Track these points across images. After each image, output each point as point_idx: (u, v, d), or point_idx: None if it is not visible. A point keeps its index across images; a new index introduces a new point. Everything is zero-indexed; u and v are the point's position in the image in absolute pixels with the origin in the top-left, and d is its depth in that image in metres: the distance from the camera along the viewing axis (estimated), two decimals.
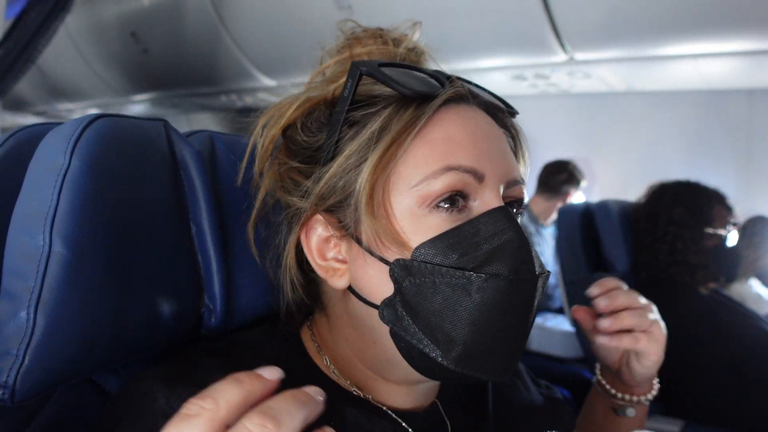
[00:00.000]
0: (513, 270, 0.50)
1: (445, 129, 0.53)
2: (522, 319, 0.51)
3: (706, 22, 1.81)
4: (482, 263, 0.49)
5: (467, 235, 0.50)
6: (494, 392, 0.68)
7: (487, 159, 0.53)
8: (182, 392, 0.48)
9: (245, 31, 2.66)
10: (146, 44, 3.05)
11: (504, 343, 0.51)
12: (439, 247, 0.50)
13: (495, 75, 2.60)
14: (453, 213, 0.51)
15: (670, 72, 2.38)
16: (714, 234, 1.64)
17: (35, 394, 0.47)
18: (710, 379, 1.51)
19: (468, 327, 0.49)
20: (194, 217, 0.60)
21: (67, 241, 0.47)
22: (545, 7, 1.88)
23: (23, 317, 0.45)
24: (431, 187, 0.51)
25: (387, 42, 0.61)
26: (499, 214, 0.51)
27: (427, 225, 0.51)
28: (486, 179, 0.52)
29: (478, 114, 0.56)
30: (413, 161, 0.52)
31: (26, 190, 0.49)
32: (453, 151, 0.52)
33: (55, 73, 3.69)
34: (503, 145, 0.57)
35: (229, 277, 0.63)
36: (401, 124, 0.52)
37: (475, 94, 0.57)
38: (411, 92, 0.51)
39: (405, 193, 0.52)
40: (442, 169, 0.51)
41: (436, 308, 0.50)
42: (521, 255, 0.50)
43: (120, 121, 0.55)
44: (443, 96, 0.53)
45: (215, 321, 0.62)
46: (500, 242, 0.50)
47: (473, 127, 0.54)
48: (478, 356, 0.50)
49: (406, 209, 0.52)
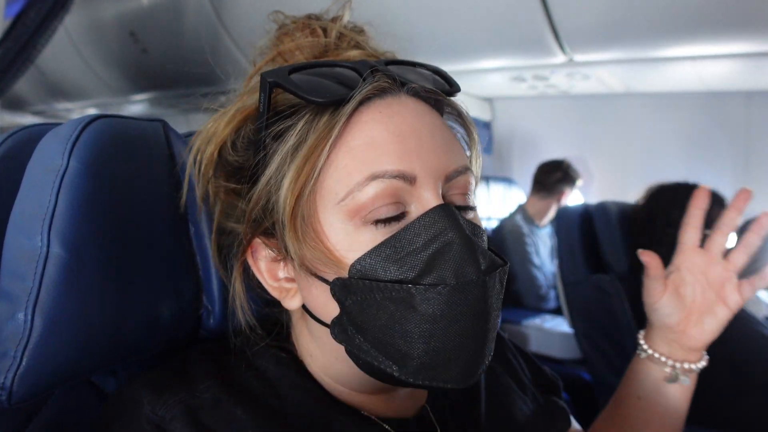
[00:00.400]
0: (456, 274, 0.46)
1: (366, 133, 0.48)
2: (478, 322, 0.47)
3: (705, 24, 1.81)
4: (422, 273, 0.46)
5: (404, 244, 0.46)
6: (487, 395, 0.67)
7: (417, 157, 0.48)
8: (168, 399, 0.48)
9: (244, 31, 2.66)
10: (145, 44, 3.05)
11: (462, 350, 0.47)
12: (376, 261, 0.46)
13: (494, 76, 2.60)
14: (390, 223, 0.47)
15: (669, 74, 2.38)
16: None
17: (33, 395, 0.47)
18: (708, 381, 1.51)
19: (419, 340, 0.46)
20: (192, 217, 0.60)
21: (65, 243, 0.47)
22: (544, 8, 1.88)
23: (21, 318, 0.45)
24: (358, 200, 0.47)
25: (316, 32, 0.56)
26: (435, 215, 0.47)
27: (361, 240, 0.47)
28: (418, 180, 0.48)
29: (406, 106, 0.51)
30: (336, 174, 0.48)
31: (24, 191, 0.49)
32: (377, 157, 0.47)
33: (53, 73, 3.68)
34: (439, 135, 0.51)
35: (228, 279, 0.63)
36: (316, 134, 0.48)
37: (406, 80, 0.51)
38: (320, 101, 0.47)
39: (333, 209, 0.48)
40: (367, 178, 0.47)
41: (383, 324, 0.47)
42: (463, 256, 0.46)
43: (118, 122, 0.55)
44: (358, 97, 0.48)
45: (214, 322, 0.62)
46: (439, 246, 0.46)
47: (399, 124, 0.49)
48: (436, 367, 0.47)
49: (337, 226, 0.48)
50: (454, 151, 0.52)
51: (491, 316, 0.49)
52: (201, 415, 0.48)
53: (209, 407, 0.49)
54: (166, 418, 0.47)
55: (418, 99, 0.52)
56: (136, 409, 0.48)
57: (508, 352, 0.76)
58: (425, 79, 0.54)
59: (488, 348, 0.50)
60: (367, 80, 0.49)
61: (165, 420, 0.47)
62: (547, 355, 2.32)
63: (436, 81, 0.56)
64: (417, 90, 0.52)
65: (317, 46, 0.56)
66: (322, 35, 0.56)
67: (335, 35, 0.56)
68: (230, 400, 0.50)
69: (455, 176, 0.51)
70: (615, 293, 1.72)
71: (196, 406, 0.49)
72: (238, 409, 0.50)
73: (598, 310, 1.77)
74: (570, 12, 1.89)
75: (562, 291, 2.01)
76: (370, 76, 0.49)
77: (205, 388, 0.51)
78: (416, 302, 0.45)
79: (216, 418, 0.49)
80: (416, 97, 0.52)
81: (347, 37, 0.57)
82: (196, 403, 0.49)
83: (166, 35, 2.93)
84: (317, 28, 0.57)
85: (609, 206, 1.83)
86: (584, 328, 1.88)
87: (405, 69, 0.54)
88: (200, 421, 0.48)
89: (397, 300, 0.46)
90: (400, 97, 0.51)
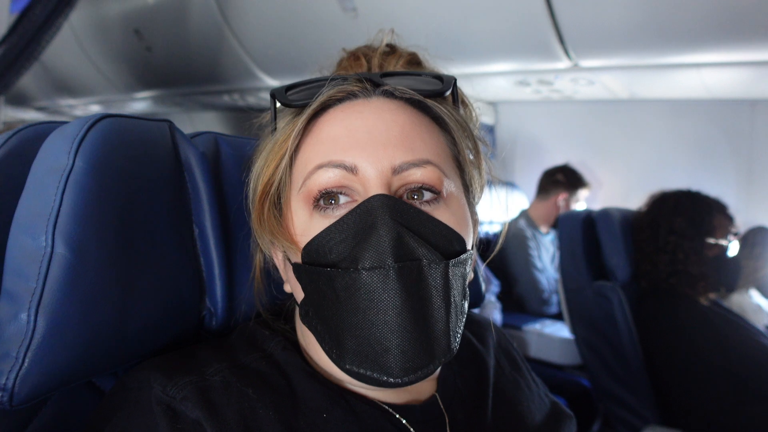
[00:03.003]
0: (370, 260, 0.47)
1: (327, 129, 0.54)
2: (398, 313, 0.47)
3: (709, 32, 1.81)
4: (345, 258, 0.49)
5: (339, 231, 0.50)
6: (495, 390, 0.67)
7: (362, 149, 0.52)
8: (179, 380, 0.49)
9: (249, 30, 2.66)
10: (149, 42, 3.05)
11: (390, 342, 0.47)
12: (318, 246, 0.50)
13: (499, 80, 2.60)
14: (334, 209, 0.52)
15: (674, 81, 2.38)
16: (715, 244, 1.64)
17: (35, 397, 0.46)
18: (709, 389, 1.51)
19: (347, 326, 0.48)
20: (197, 219, 0.60)
21: (70, 243, 0.46)
22: (550, 13, 1.88)
23: (24, 319, 0.45)
24: (308, 187, 0.52)
25: (360, 60, 0.65)
26: (368, 203, 0.50)
27: (313, 225, 0.52)
28: (360, 169, 0.51)
29: (371, 106, 0.55)
30: (301, 165, 0.55)
31: (29, 190, 0.49)
32: (328, 150, 0.53)
33: (57, 69, 3.68)
34: (398, 130, 0.54)
35: (231, 280, 0.62)
36: (286, 130, 0.55)
37: (383, 84, 0.57)
38: (291, 103, 0.56)
39: (296, 197, 0.54)
40: (315, 167, 0.52)
41: (325, 308, 0.50)
42: (379, 243, 0.47)
43: (124, 121, 0.54)
44: (320, 99, 0.55)
45: (216, 323, 0.62)
46: (364, 233, 0.49)
47: (354, 121, 0.54)
48: (368, 356, 0.48)
49: (299, 212, 0.54)
50: (414, 144, 0.54)
51: (422, 310, 0.48)
52: (212, 395, 0.49)
53: (220, 388, 0.50)
54: (177, 397, 0.47)
55: (394, 99, 0.57)
56: (145, 392, 0.48)
57: (513, 351, 0.77)
58: (424, 85, 0.58)
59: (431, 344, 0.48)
60: (333, 84, 0.56)
61: (176, 399, 0.47)
62: (546, 361, 2.31)
63: (431, 84, 0.59)
64: (390, 91, 0.57)
65: (359, 71, 0.63)
66: (364, 62, 0.64)
67: (377, 62, 0.64)
68: (240, 382, 0.51)
69: (407, 168, 0.52)
70: (616, 300, 1.71)
71: (206, 386, 0.49)
72: (249, 390, 0.51)
73: (599, 317, 1.76)
74: (575, 18, 1.88)
75: (563, 297, 2.01)
76: (340, 82, 0.56)
77: (214, 371, 0.51)
78: (337, 286, 0.48)
79: (228, 398, 0.49)
80: (391, 98, 0.57)
81: (391, 62, 0.64)
82: (207, 384, 0.50)
83: (171, 33, 2.93)
84: (361, 57, 0.65)
85: (611, 213, 1.83)
86: (585, 335, 1.87)
87: (404, 78, 0.58)
88: (211, 401, 0.48)
89: (327, 284, 0.49)
90: (370, 100, 0.56)
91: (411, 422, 0.56)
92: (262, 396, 0.50)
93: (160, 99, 3.93)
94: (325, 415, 0.52)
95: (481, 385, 0.67)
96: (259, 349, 0.56)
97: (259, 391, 0.51)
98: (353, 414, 0.53)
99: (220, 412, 0.48)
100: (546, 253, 2.91)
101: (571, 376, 2.20)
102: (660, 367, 1.64)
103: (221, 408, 0.48)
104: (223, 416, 0.48)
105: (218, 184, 0.63)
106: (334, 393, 0.54)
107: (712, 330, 1.54)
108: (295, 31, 2.47)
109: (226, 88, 3.27)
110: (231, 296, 0.62)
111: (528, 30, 1.99)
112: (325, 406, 0.53)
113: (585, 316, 1.85)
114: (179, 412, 0.47)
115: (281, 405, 0.51)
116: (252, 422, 0.48)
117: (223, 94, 3.37)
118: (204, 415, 0.47)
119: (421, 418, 0.57)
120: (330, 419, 0.52)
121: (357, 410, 0.54)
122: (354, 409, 0.53)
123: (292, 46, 2.54)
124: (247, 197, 0.60)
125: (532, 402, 0.71)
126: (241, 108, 3.64)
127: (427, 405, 0.59)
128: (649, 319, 1.67)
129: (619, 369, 1.73)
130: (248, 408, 0.49)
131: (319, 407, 0.52)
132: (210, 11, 2.63)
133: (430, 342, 0.48)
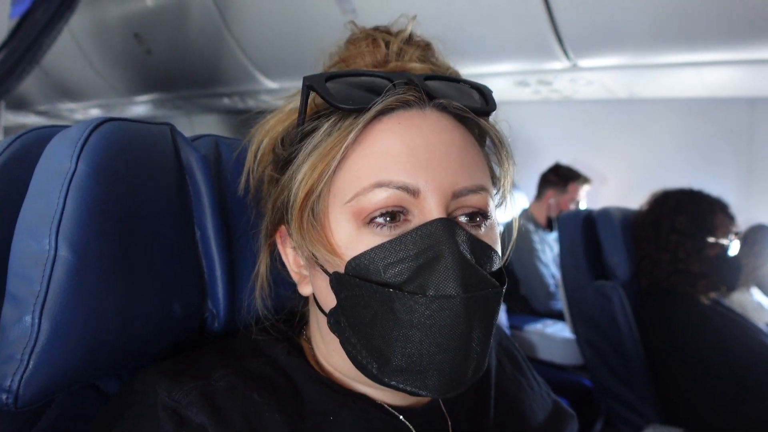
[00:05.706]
0: (436, 287, 0.47)
1: (382, 141, 0.51)
2: (455, 338, 0.47)
3: (708, 31, 1.81)
4: (407, 280, 0.48)
5: (397, 250, 0.49)
6: (497, 391, 0.68)
7: (424, 172, 0.50)
8: (185, 385, 0.49)
9: (248, 33, 2.66)
10: (149, 45, 3.06)
11: (439, 363, 0.48)
12: (369, 262, 0.49)
13: (498, 81, 2.60)
14: (389, 228, 0.50)
15: (673, 80, 2.38)
16: (716, 243, 1.64)
17: (39, 399, 0.47)
18: (710, 387, 1.51)
19: (396, 344, 0.48)
20: (199, 221, 0.60)
21: (73, 246, 0.46)
22: (548, 13, 1.88)
23: (28, 322, 0.45)
24: (362, 204, 0.50)
25: (378, 43, 0.61)
26: (432, 227, 0.49)
27: (361, 240, 0.50)
28: (422, 193, 0.50)
29: (428, 120, 0.53)
30: (348, 176, 0.51)
31: (32, 193, 0.49)
32: (387, 166, 0.50)
33: (57, 73, 3.69)
34: (456, 152, 0.52)
35: (233, 282, 0.63)
36: (334, 137, 0.52)
37: (436, 95, 0.54)
38: (343, 107, 0.51)
39: (341, 208, 0.51)
40: (372, 185, 0.50)
41: (369, 323, 0.49)
42: (448, 271, 0.47)
43: (126, 125, 0.55)
44: (378, 107, 0.51)
45: (218, 326, 0.62)
46: (428, 258, 0.48)
47: (414, 137, 0.51)
48: (413, 372, 0.48)
49: (342, 224, 0.51)
50: (471, 169, 0.53)
51: (473, 335, 0.49)
52: (218, 400, 0.49)
53: (225, 392, 0.50)
54: (183, 402, 0.48)
55: (446, 114, 0.55)
56: (150, 397, 0.48)
57: (515, 351, 0.77)
58: (464, 96, 0.57)
59: (470, 366, 0.49)
60: (390, 92, 0.52)
61: (181, 405, 0.48)
62: (548, 361, 2.31)
63: (473, 98, 0.58)
64: (444, 105, 0.54)
65: (377, 56, 0.60)
66: (383, 47, 0.60)
67: (396, 48, 0.60)
68: (246, 386, 0.51)
69: (465, 194, 0.52)
70: (617, 299, 1.72)
71: (212, 391, 0.50)
72: (254, 394, 0.51)
73: (600, 316, 1.76)
74: (574, 17, 1.89)
75: (564, 296, 2.01)
76: (394, 89, 0.52)
77: (219, 376, 0.52)
78: (396, 307, 0.47)
79: (233, 402, 0.49)
80: (444, 111, 0.54)
81: (409, 50, 0.61)
82: (212, 389, 0.50)
83: (171, 37, 2.93)
84: (380, 40, 0.61)
85: (612, 212, 1.83)
86: (586, 334, 1.87)
87: (445, 84, 0.56)
88: (217, 405, 0.49)
89: (381, 302, 0.48)
90: (425, 111, 0.53)
91: (414, 424, 0.56)
92: (267, 399, 0.51)
93: (160, 102, 3.93)
94: (332, 418, 0.52)
95: (483, 385, 0.67)
96: (263, 354, 0.57)
97: (265, 395, 0.51)
98: (359, 416, 0.54)
99: (226, 417, 0.48)
100: (550, 250, 2.93)
101: (572, 376, 2.20)
102: (661, 366, 1.64)
103: (226, 412, 0.49)
104: (228, 420, 0.48)
105: (219, 187, 0.63)
106: (339, 395, 0.55)
107: (713, 329, 1.54)
108: (294, 34, 2.48)
109: (225, 91, 3.28)
110: (233, 298, 0.62)
111: (526, 30, 1.99)
112: (332, 408, 0.53)
113: (586, 316, 1.85)
114: (185, 417, 0.47)
115: (287, 408, 0.51)
116: (258, 425, 0.49)
117: (223, 96, 3.38)
118: (209, 419, 0.47)
119: (424, 419, 0.58)
120: (336, 421, 0.52)
121: (363, 412, 0.54)
122: (360, 411, 0.54)
123: (291, 48, 2.55)
124: (247, 193, 0.59)
125: (534, 401, 0.71)
126: (241, 110, 3.65)
127: (429, 406, 0.60)
128: (650, 317, 1.67)
129: (621, 368, 1.73)
130: (254, 411, 0.49)
131: (325, 410, 0.53)
132: (209, 14, 2.64)
133: (477, 364, 0.50)
